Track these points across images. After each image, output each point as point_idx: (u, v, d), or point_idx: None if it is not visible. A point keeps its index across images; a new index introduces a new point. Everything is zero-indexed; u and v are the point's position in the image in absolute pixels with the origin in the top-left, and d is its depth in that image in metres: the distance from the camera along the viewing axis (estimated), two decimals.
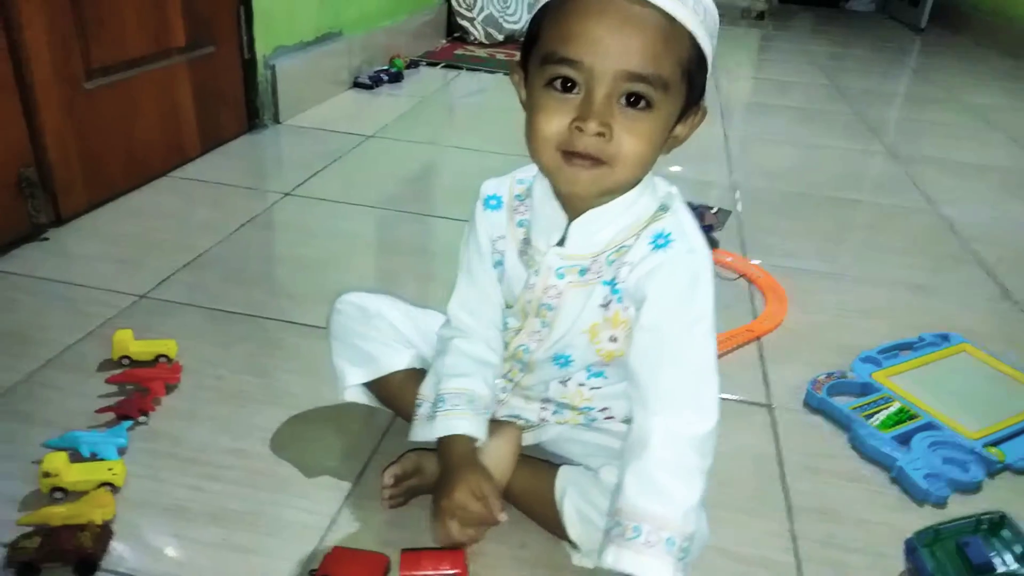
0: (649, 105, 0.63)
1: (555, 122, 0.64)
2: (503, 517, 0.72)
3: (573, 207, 0.72)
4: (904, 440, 0.96)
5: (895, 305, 1.39)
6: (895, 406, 1.02)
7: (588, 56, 0.61)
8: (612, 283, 0.72)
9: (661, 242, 0.70)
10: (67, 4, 1.37)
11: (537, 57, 0.65)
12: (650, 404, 0.69)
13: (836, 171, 2.15)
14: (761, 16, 5.25)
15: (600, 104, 0.62)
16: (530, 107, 0.67)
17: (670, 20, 0.61)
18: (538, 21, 0.66)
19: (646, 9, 0.61)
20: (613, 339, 0.75)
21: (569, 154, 0.64)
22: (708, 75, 0.67)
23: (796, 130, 2.56)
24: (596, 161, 0.64)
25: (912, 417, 1.00)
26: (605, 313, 0.74)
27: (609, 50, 0.61)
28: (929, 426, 0.99)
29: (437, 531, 0.75)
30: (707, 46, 0.65)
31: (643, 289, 0.69)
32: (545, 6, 0.65)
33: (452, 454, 0.77)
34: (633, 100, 0.62)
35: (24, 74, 1.30)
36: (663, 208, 0.72)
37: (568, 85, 0.63)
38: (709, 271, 0.70)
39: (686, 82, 0.65)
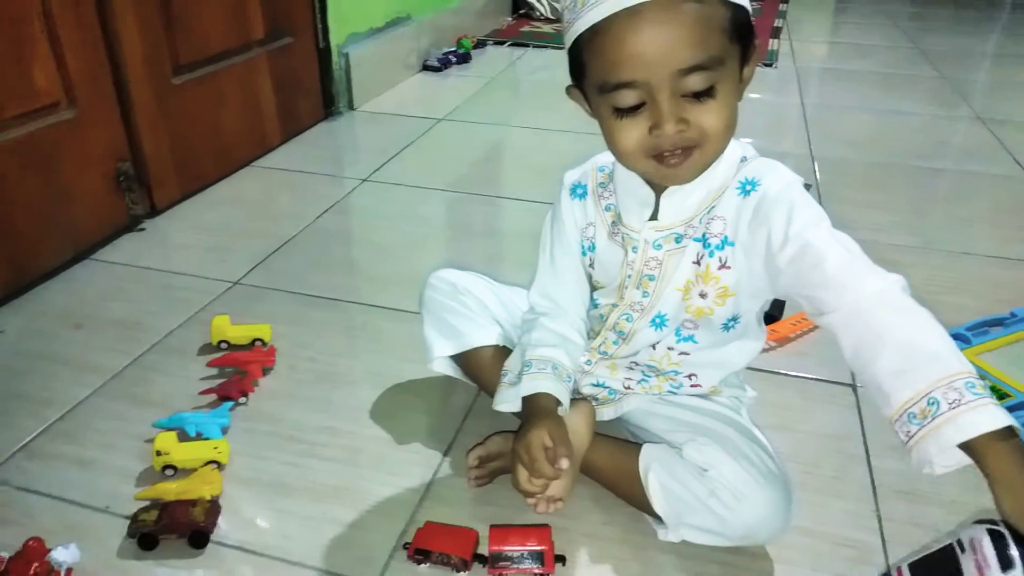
0: (713, 87, 0.63)
1: (635, 136, 0.66)
2: (564, 464, 0.72)
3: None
4: None
5: (985, 279, 1.34)
6: (986, 385, 0.99)
7: (640, 73, 0.62)
8: (703, 239, 0.74)
9: (749, 188, 0.72)
10: (156, 5, 1.44)
11: (592, 87, 0.67)
12: (839, 296, 0.64)
13: (920, 138, 2.07)
14: None
15: (668, 106, 0.63)
16: (606, 129, 0.69)
17: (698, 0, 0.61)
18: (577, 53, 0.67)
19: (673, 3, 0.61)
20: (703, 295, 0.77)
21: (660, 156, 0.67)
22: (749, 11, 0.67)
23: (876, 96, 2.46)
24: (686, 150, 0.66)
25: (1003, 396, 0.97)
26: (697, 269, 0.76)
27: (656, 59, 0.62)
28: (1022, 405, 0.96)
29: (512, 477, 0.77)
30: None
31: (759, 230, 0.70)
32: (579, 39, 0.66)
33: (534, 407, 0.79)
34: (696, 93, 0.63)
35: (119, 75, 1.38)
36: (743, 160, 0.74)
37: (634, 107, 0.64)
38: (804, 189, 0.71)
39: (736, 38, 0.65)
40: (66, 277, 1.29)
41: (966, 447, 0.56)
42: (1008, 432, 0.56)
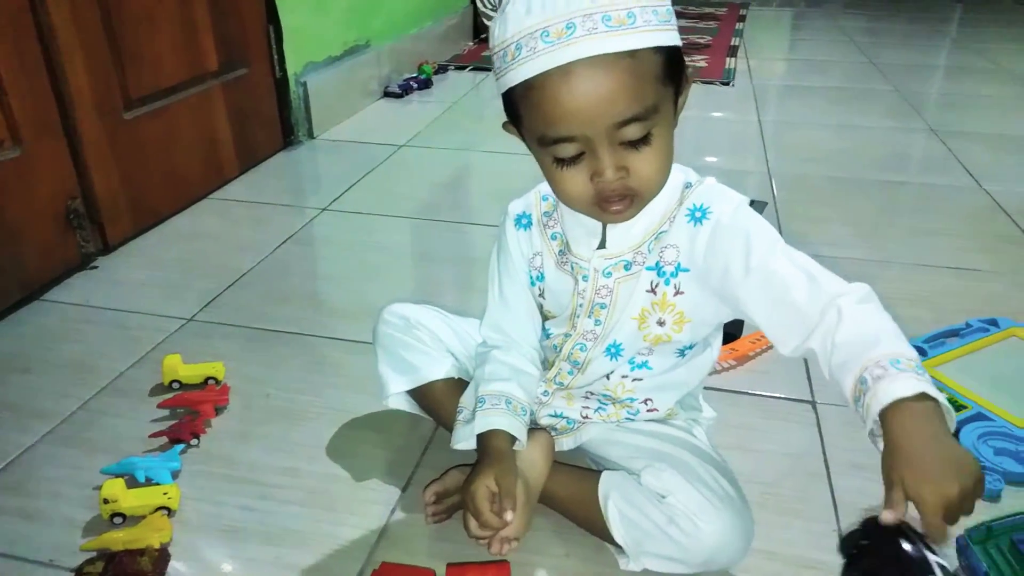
0: (649, 134, 0.64)
1: (577, 184, 0.66)
2: (508, 516, 0.72)
3: None
4: (953, 432, 0.94)
5: (941, 290, 1.36)
6: (942, 397, 1.00)
7: (577, 129, 0.63)
8: (657, 267, 0.74)
9: (699, 215, 0.72)
10: (103, 40, 1.42)
11: (531, 136, 0.67)
12: (806, 318, 0.65)
13: (877, 152, 2.10)
14: None
15: (607, 157, 0.64)
16: (548, 176, 0.69)
17: (630, 54, 0.61)
18: (511, 100, 0.67)
19: (606, 60, 0.60)
20: (660, 323, 0.76)
21: (602, 202, 0.67)
22: (680, 46, 0.66)
23: (833, 111, 2.51)
24: (627, 197, 0.67)
25: (961, 408, 0.98)
26: (653, 297, 0.75)
27: (593, 115, 0.62)
28: (979, 416, 0.97)
29: (463, 522, 0.77)
30: (669, 37, 0.64)
31: (716, 259, 0.71)
32: (511, 91, 0.65)
33: (486, 448, 0.78)
34: (633, 141, 0.64)
35: (67, 111, 1.35)
36: (687, 185, 0.74)
37: (573, 157, 0.65)
38: (752, 210, 0.72)
39: (669, 81, 0.65)
40: (14, 320, 1.26)
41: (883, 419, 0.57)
42: (923, 398, 0.57)
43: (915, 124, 2.34)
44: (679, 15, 0.68)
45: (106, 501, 0.84)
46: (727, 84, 2.75)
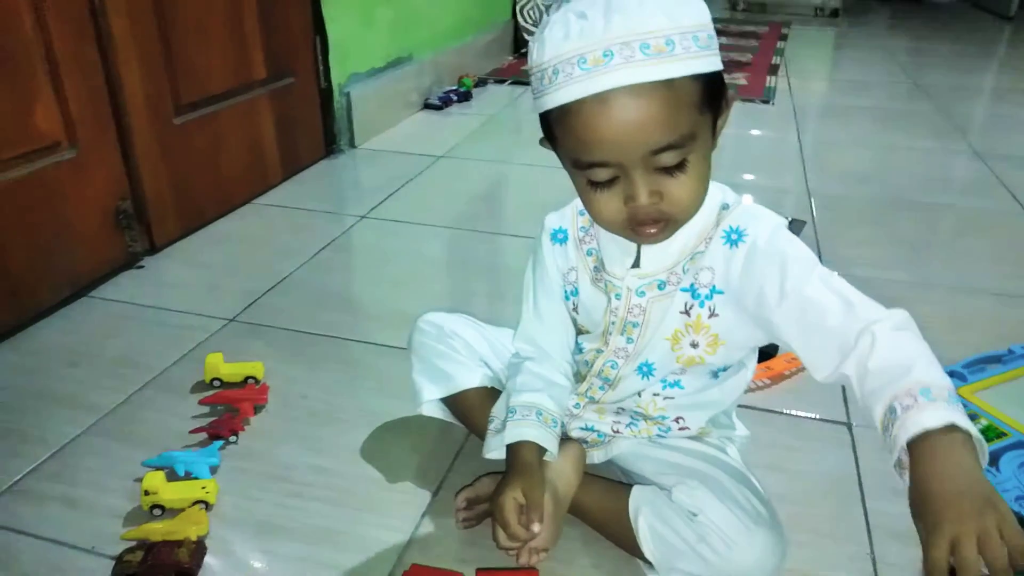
0: (684, 160, 0.64)
1: (611, 207, 0.67)
2: (535, 528, 0.73)
3: None
4: (992, 460, 0.93)
5: (983, 315, 1.33)
6: (982, 423, 0.98)
7: (612, 156, 0.63)
8: (692, 288, 0.74)
9: (735, 237, 0.71)
10: (158, 48, 1.47)
11: (565, 158, 0.68)
12: (842, 344, 0.64)
13: (919, 174, 2.08)
14: (835, 13, 5.11)
15: (641, 182, 0.64)
16: (583, 197, 0.69)
17: (667, 83, 0.60)
18: (547, 121, 0.67)
19: (642, 89, 0.60)
20: (694, 344, 0.76)
21: (636, 226, 0.67)
22: (721, 70, 0.66)
23: (875, 132, 2.48)
24: (661, 220, 0.67)
25: (1000, 435, 0.96)
26: (687, 319, 0.75)
27: (627, 143, 0.62)
28: (1019, 444, 0.95)
29: (492, 533, 0.77)
30: (709, 63, 0.63)
31: (750, 283, 0.70)
32: (547, 112, 0.66)
33: (515, 459, 0.79)
34: (669, 168, 0.64)
35: (120, 115, 1.40)
36: (724, 207, 0.73)
37: (608, 180, 0.65)
38: (789, 232, 0.71)
39: (707, 107, 0.65)
40: (64, 315, 1.30)
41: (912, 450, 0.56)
42: (952, 429, 0.55)
43: (959, 146, 2.30)
44: (720, 32, 0.68)
45: (146, 493, 0.87)
46: (767, 102, 2.74)
